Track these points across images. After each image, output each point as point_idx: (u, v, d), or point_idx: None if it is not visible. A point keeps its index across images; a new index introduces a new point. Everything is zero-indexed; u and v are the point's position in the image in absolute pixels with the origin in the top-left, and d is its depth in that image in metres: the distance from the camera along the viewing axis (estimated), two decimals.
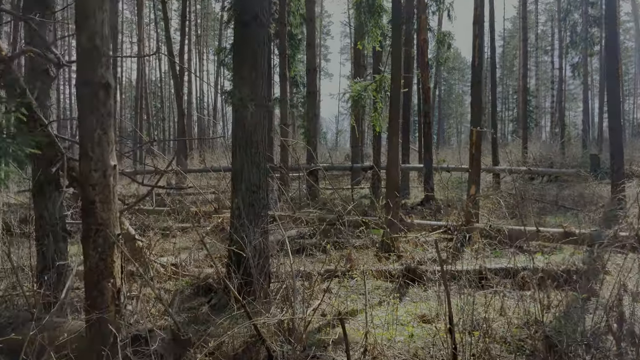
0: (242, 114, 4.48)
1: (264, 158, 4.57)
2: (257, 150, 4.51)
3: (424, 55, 12.43)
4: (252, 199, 4.48)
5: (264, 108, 4.54)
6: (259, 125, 4.51)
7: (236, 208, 4.53)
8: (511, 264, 6.00)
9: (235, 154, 4.51)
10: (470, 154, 8.29)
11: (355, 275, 5.59)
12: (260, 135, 4.53)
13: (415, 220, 8.33)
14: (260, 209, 4.50)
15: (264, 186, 4.56)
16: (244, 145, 4.49)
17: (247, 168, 4.48)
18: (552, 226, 9.17)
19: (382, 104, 8.06)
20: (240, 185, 4.48)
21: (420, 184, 18.97)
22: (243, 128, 4.48)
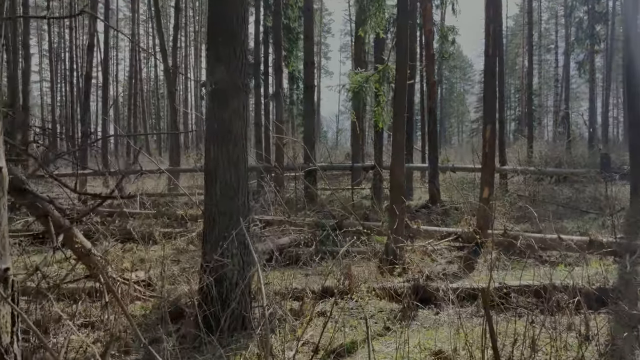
0: (217, 102, 3.66)
1: (243, 155, 3.75)
2: (235, 146, 3.69)
3: (429, 47, 11.61)
4: (229, 205, 3.66)
5: (243, 95, 3.72)
6: (237, 115, 3.69)
7: (209, 216, 3.71)
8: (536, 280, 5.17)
9: (209, 150, 3.70)
10: (482, 152, 7.47)
11: (355, 296, 4.76)
12: (239, 127, 3.71)
13: (422, 226, 7.51)
14: (239, 217, 3.68)
15: (244, 189, 3.74)
16: (219, 139, 3.67)
17: (223, 167, 3.66)
18: (571, 232, 8.35)
19: (385, 98, 7.24)
20: (214, 189, 3.66)
21: (423, 185, 18.13)
22: (218, 119, 3.66)
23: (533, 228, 9.04)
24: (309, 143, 12.16)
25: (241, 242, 3.70)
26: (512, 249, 6.85)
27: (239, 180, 3.70)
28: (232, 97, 3.68)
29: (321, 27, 56.82)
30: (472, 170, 15.49)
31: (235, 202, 3.68)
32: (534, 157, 21.46)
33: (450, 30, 21.77)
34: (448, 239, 7.20)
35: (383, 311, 4.61)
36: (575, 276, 5.84)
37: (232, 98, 3.68)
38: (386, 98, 7.28)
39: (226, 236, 3.62)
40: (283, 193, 10.78)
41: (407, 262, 6.20)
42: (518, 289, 4.88)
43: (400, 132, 6.39)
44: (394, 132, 6.40)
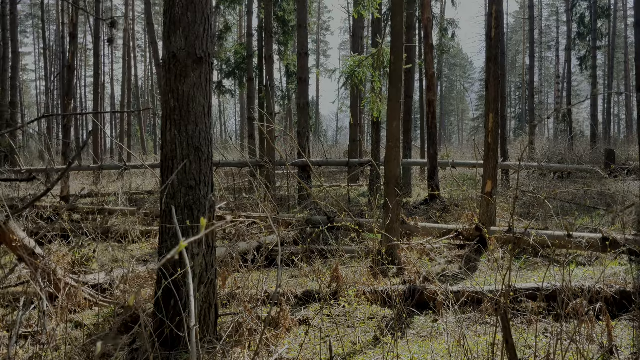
0: (174, 75, 3.11)
1: (207, 138, 3.19)
2: (196, 127, 3.13)
3: (428, 37, 11.04)
4: (189, 198, 3.10)
5: (206, 66, 3.16)
6: (198, 90, 3.13)
7: (165, 210, 3.15)
8: (546, 282, 4.62)
9: (165, 133, 3.15)
10: (485, 143, 6.91)
11: (342, 300, 4.21)
12: (200, 104, 3.15)
13: (420, 223, 6.95)
14: (202, 212, 3.12)
15: (208, 180, 3.18)
16: (177, 119, 3.11)
17: (182, 152, 3.10)
18: (580, 229, 7.80)
19: (380, 84, 6.68)
20: (170, 177, 3.10)
21: (422, 181, 17.59)
22: (176, 95, 3.10)
23: (539, 225, 8.50)
24: (303, 137, 11.60)
25: (204, 241, 3.14)
26: (518, 248, 6.30)
27: (200, 167, 3.14)
28: (193, 68, 3.12)
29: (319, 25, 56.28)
30: (474, 166, 14.94)
31: (197, 194, 3.12)
32: (536, 153, 20.95)
33: (450, 23, 21.25)
34: (448, 236, 6.64)
35: (374, 318, 4.05)
36: (590, 277, 5.30)
37: (193, 70, 3.12)
38: (381, 85, 6.72)
39: (186, 233, 3.06)
40: (274, 189, 10.22)
41: (402, 262, 5.64)
42: (528, 292, 4.32)
43: (395, 119, 5.83)
44: (389, 119, 5.84)
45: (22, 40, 53.23)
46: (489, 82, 6.78)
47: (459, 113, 72.38)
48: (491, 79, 6.71)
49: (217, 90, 18.19)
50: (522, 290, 4.35)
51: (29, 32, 53.11)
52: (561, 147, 22.23)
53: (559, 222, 8.53)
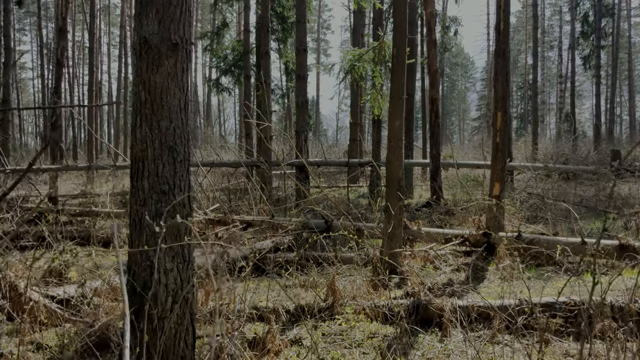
0: (146, 63, 2.70)
1: (184, 136, 2.78)
2: (170, 123, 2.72)
3: (431, 32, 10.63)
4: (162, 205, 2.69)
5: (183, 54, 2.76)
6: (173, 81, 2.72)
7: (135, 219, 2.74)
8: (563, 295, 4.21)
9: (135, 130, 2.74)
10: (493, 143, 6.50)
11: (339, 318, 3.80)
12: (176, 97, 2.74)
13: (423, 228, 6.54)
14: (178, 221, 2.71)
15: (184, 184, 2.77)
16: (148, 114, 2.70)
17: (154, 152, 2.70)
18: (593, 235, 7.39)
19: (382, 80, 6.27)
20: (141, 182, 2.70)
21: (424, 182, 17.17)
22: (148, 87, 2.69)
23: (548, 229, 8.09)
24: (301, 137, 11.19)
25: (179, 253, 2.73)
26: (528, 255, 5.89)
27: (175, 169, 2.73)
28: (167, 56, 2.71)
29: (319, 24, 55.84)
30: (477, 166, 14.55)
31: (170, 200, 2.71)
32: (539, 154, 20.54)
33: (452, 20, 20.84)
34: (453, 242, 6.23)
35: (374, 337, 3.64)
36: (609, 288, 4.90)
37: (167, 58, 2.71)
38: (382, 81, 6.31)
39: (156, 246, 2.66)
40: (270, 191, 9.81)
41: (405, 272, 5.24)
42: (545, 307, 3.91)
43: (397, 117, 5.42)
44: (391, 117, 5.44)
45: (21, 37, 52.84)
46: (497, 78, 6.37)
47: (460, 113, 71.99)
48: (499, 75, 6.30)
49: (215, 88, 17.78)
50: (538, 305, 3.94)
51: (27, 30, 52.71)
52: (564, 147, 21.84)
53: (569, 227, 8.13)
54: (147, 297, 2.64)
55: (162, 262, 2.66)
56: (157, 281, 2.66)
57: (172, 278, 2.70)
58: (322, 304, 3.94)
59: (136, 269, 2.74)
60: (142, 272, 2.70)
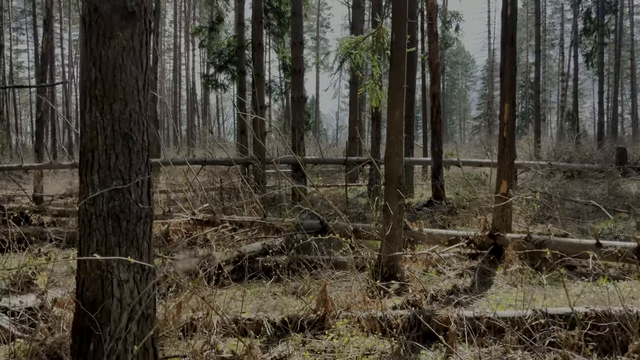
0: (96, 35, 2.27)
1: (142, 123, 2.34)
2: (125, 106, 2.28)
3: (432, 24, 10.19)
4: (115, 204, 2.26)
5: (140, 24, 2.32)
6: (128, 56, 2.28)
7: (84, 220, 2.30)
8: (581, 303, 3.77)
9: (84, 115, 2.31)
10: (500, 137, 6.07)
11: (330, 331, 3.36)
12: (133, 77, 2.30)
13: (425, 229, 6.10)
14: (132, 223, 2.28)
15: (142, 179, 2.33)
16: (98, 96, 2.27)
17: (105, 142, 2.26)
18: (605, 236, 6.94)
19: (380, 69, 5.83)
20: (90, 177, 2.27)
21: (425, 181, 16.72)
22: (98, 63, 2.26)
23: (557, 228, 7.65)
24: (297, 133, 10.76)
25: (137, 259, 2.29)
26: (538, 258, 5.45)
27: (131, 161, 2.29)
28: (121, 26, 2.27)
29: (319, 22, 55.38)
30: (480, 164, 14.11)
31: (126, 198, 2.28)
32: (541, 152, 20.11)
33: (454, 16, 20.37)
34: (457, 244, 5.79)
35: (370, 354, 3.20)
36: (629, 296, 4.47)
37: (122, 28, 2.27)
38: (380, 71, 5.87)
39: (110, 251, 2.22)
40: (264, 190, 9.37)
41: (405, 277, 4.80)
42: (562, 318, 3.46)
43: (397, 108, 4.98)
44: (390, 108, 5.00)
45: (18, 37, 52.36)
46: (504, 67, 5.93)
47: (460, 112, 71.62)
48: (507, 64, 5.86)
49: (209, 84, 17.34)
50: (555, 315, 3.50)
51: (24, 29, 52.24)
52: (567, 145, 21.40)
53: (579, 227, 7.69)
54: (98, 312, 2.21)
55: (115, 272, 2.22)
56: (109, 294, 2.22)
57: (127, 291, 2.27)
58: (312, 316, 3.51)
59: (85, 279, 2.30)
60: (92, 284, 2.26)
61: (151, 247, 2.39)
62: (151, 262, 2.39)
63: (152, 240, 2.40)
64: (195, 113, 41.16)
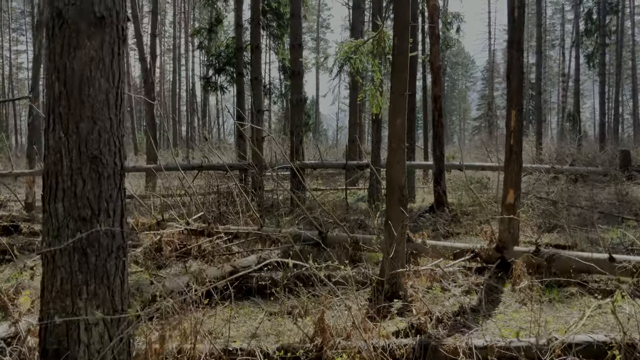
0: (60, 45, 2.00)
1: (114, 144, 2.07)
2: (93, 126, 2.01)
3: (434, 25, 9.92)
4: (83, 236, 1.98)
5: (111, 32, 2.05)
6: (97, 68, 2.02)
7: (47, 255, 2.03)
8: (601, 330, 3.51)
9: (48, 134, 2.04)
10: (506, 145, 5.79)
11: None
12: (103, 92, 2.03)
13: (428, 241, 5.83)
14: (102, 258, 2.01)
15: (115, 207, 2.06)
16: (63, 114, 2.00)
17: (71, 166, 1.99)
18: (616, 247, 6.66)
19: (381, 74, 5.56)
20: (54, 205, 2.00)
21: (426, 184, 16.43)
22: (63, 76, 2.00)
23: (564, 239, 7.37)
24: (296, 137, 10.49)
25: (107, 301, 2.02)
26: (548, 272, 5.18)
27: (100, 188, 2.02)
28: (89, 34, 2.01)
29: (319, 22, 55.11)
30: (482, 168, 13.84)
31: (94, 231, 2.00)
32: (543, 154, 19.83)
33: (455, 17, 20.12)
34: (463, 258, 5.51)
35: None
36: None
37: (89, 37, 2.01)
38: (382, 76, 5.60)
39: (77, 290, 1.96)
40: (261, 196, 9.09)
41: (409, 295, 4.53)
42: (579, 347, 3.19)
43: (399, 115, 4.71)
44: (392, 115, 4.73)
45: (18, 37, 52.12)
46: (510, 72, 5.66)
47: (460, 112, 71.43)
48: (514, 68, 5.60)
49: (208, 86, 17.09)
50: (573, 344, 3.22)
51: (23, 29, 52.00)
52: (569, 147, 21.12)
53: (587, 236, 7.41)
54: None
55: (82, 314, 1.95)
56: (75, 340, 1.95)
57: (96, 335, 2.00)
58: (309, 345, 3.23)
59: (49, 321, 2.03)
60: (55, 328, 1.99)
61: (125, 283, 2.12)
62: (125, 301, 2.12)
63: (126, 275, 2.13)
64: (195, 114, 40.89)
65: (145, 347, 2.71)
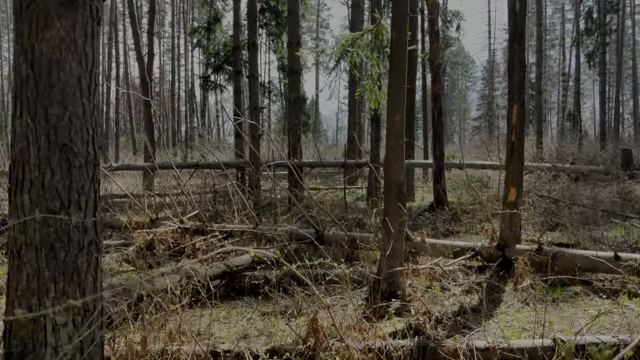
0: (28, 25, 1.86)
1: (86, 131, 1.92)
2: (64, 112, 1.87)
3: (433, 23, 9.78)
4: (50, 231, 1.84)
5: (84, 12, 1.91)
6: (71, 51, 1.87)
7: (13, 249, 1.89)
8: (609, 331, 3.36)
9: (15, 121, 1.90)
10: (508, 141, 5.65)
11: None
12: (74, 76, 1.89)
13: (428, 239, 5.68)
14: (72, 253, 1.86)
15: (87, 199, 1.92)
16: (31, 99, 1.86)
17: (38, 155, 1.85)
18: (620, 245, 6.51)
19: (379, 68, 5.41)
20: (20, 197, 1.86)
21: (426, 184, 16.29)
22: (31, 58, 1.85)
23: (567, 237, 7.22)
24: (294, 136, 10.34)
25: (78, 297, 1.88)
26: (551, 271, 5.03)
27: (71, 179, 1.88)
28: (59, 14, 1.86)
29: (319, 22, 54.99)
30: (483, 167, 13.71)
31: (64, 224, 1.86)
32: (544, 153, 19.69)
33: (455, 15, 19.96)
34: (463, 257, 5.37)
35: None
36: None
37: (60, 17, 1.86)
38: (380, 70, 5.46)
39: (44, 289, 1.81)
40: (258, 195, 8.95)
41: (407, 294, 4.38)
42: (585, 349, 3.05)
43: (398, 111, 4.57)
44: (390, 111, 4.59)
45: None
46: (512, 67, 5.51)
47: (460, 112, 71.33)
48: (516, 63, 5.45)
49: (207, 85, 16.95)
50: (579, 350, 3.07)
51: None
52: (570, 146, 20.99)
53: (590, 235, 7.26)
54: None
55: (49, 314, 1.80)
56: (41, 342, 1.80)
57: (64, 337, 1.85)
58: (302, 347, 3.08)
59: (13, 323, 1.88)
60: (20, 329, 1.84)
61: (98, 280, 1.97)
62: (98, 299, 1.97)
63: (100, 272, 1.98)
64: (195, 114, 40.75)
65: (126, 349, 2.56)
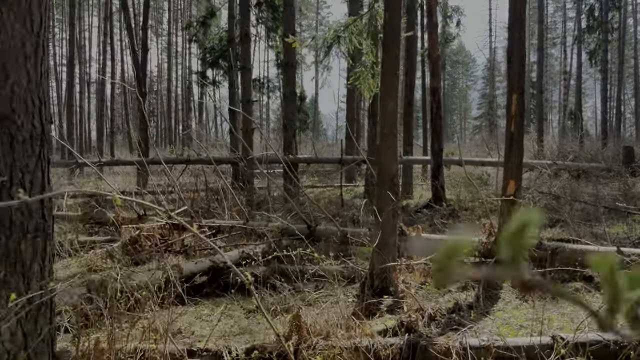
0: None
1: (32, 103, 1.72)
2: (5, 81, 1.66)
3: (432, 14, 9.55)
4: None
5: None
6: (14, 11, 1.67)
7: None
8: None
9: None
10: (507, 132, 5.44)
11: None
12: (18, 39, 1.68)
13: (424, 234, 5.48)
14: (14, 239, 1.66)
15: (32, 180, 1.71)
16: None
17: None
18: (621, 240, 6.32)
19: (373, 56, 5.20)
20: None
21: (424, 181, 16.09)
22: None
23: (567, 233, 7.02)
24: (290, 131, 10.13)
25: (22, 293, 1.67)
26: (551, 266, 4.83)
27: (13, 155, 1.67)
28: None
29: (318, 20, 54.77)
30: (482, 164, 13.49)
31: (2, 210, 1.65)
32: (545, 151, 19.50)
33: (455, 10, 19.76)
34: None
35: None
36: None
37: None
38: (374, 57, 5.25)
39: None
40: (251, 191, 8.74)
41: (400, 291, 4.17)
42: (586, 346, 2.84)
43: (391, 98, 4.36)
44: (383, 99, 4.38)
45: None
46: (512, 53, 5.31)
47: (461, 111, 71.14)
48: (515, 49, 5.24)
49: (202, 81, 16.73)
50: (578, 347, 2.87)
51: None
52: (571, 145, 20.81)
53: (591, 231, 7.06)
54: None
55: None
56: None
57: (6, 332, 1.64)
58: (283, 345, 2.88)
59: None
60: None
61: (46, 270, 1.77)
62: (46, 291, 1.77)
63: (49, 261, 1.78)
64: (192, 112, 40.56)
65: (88, 347, 2.36)
